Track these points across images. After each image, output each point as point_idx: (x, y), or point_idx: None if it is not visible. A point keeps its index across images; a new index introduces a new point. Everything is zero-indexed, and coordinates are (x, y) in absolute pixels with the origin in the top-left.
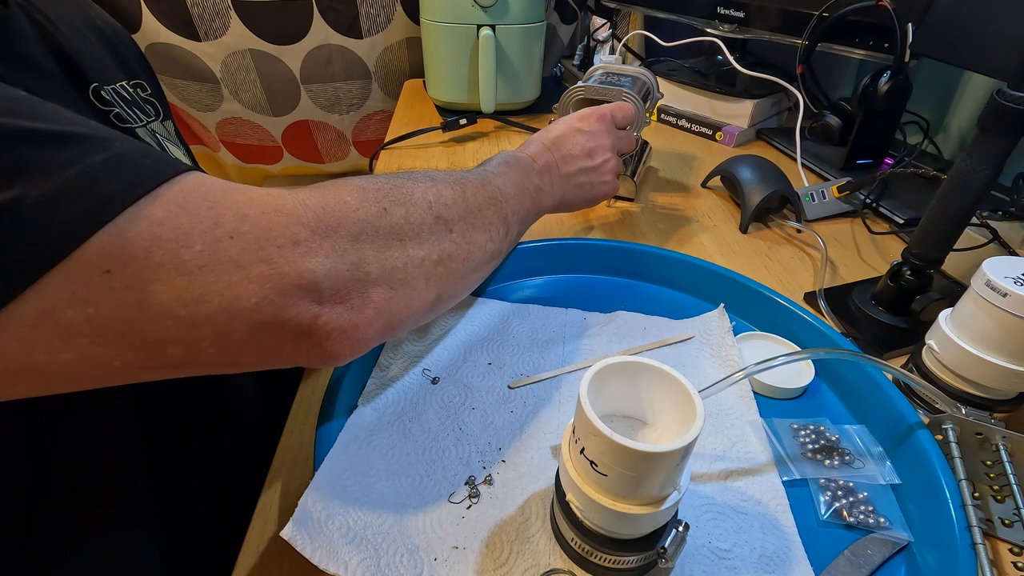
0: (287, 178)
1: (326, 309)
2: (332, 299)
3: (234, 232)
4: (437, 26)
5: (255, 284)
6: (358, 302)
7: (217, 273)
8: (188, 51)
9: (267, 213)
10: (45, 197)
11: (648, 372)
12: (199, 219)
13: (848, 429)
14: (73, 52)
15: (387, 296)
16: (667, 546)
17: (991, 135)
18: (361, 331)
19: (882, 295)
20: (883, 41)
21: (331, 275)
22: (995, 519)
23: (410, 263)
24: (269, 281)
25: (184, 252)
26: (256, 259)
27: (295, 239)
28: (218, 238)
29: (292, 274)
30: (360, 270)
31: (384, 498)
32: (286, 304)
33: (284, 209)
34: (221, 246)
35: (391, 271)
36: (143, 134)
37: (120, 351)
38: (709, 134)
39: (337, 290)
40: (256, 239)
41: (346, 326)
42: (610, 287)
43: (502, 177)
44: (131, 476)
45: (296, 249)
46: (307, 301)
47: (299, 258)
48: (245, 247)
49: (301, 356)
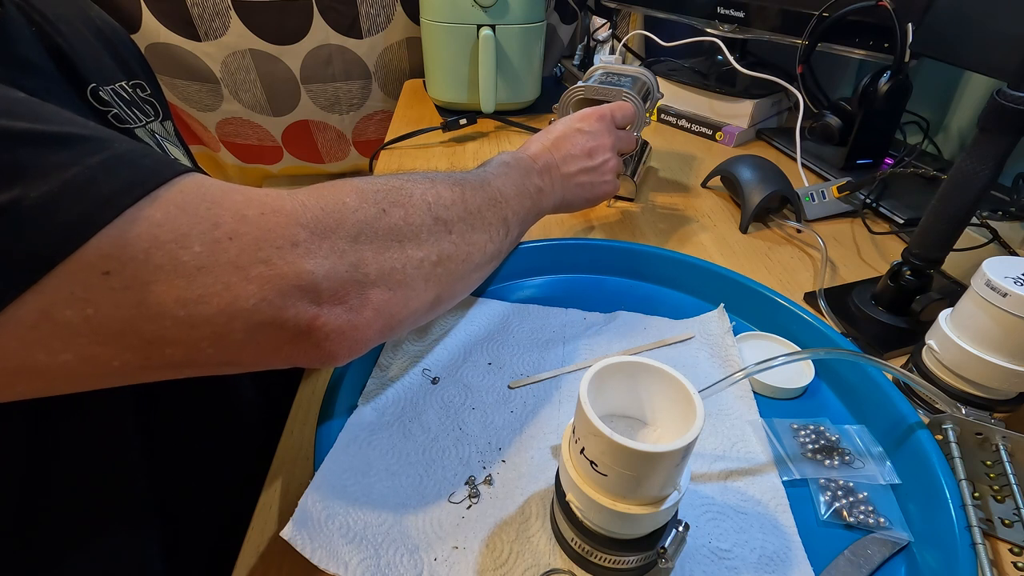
0: (287, 178)
1: (325, 310)
2: (331, 300)
3: (233, 233)
4: (437, 26)
5: (254, 285)
6: (357, 303)
7: (216, 274)
8: (188, 51)
9: (266, 214)
10: (44, 198)
11: (648, 372)
12: (198, 220)
13: (848, 429)
14: (71, 52)
15: (386, 297)
16: (667, 546)
17: (991, 135)
18: (360, 332)
19: (882, 295)
20: (883, 41)
21: (330, 276)
22: (995, 519)
23: (409, 264)
24: (268, 282)
25: (183, 253)
26: (255, 260)
27: (294, 240)
28: (217, 239)
29: (291, 275)
30: (359, 271)
31: (384, 498)
32: (285, 305)
33: (283, 210)
34: (220, 247)
35: (390, 272)
36: (142, 134)
37: (119, 351)
38: (709, 134)
39: (336, 291)
40: (255, 240)
41: (345, 327)
42: (610, 287)
43: (502, 178)
44: (131, 476)
45: (295, 250)
46: (305, 302)
47: (298, 259)
48: (244, 248)
49: (300, 356)
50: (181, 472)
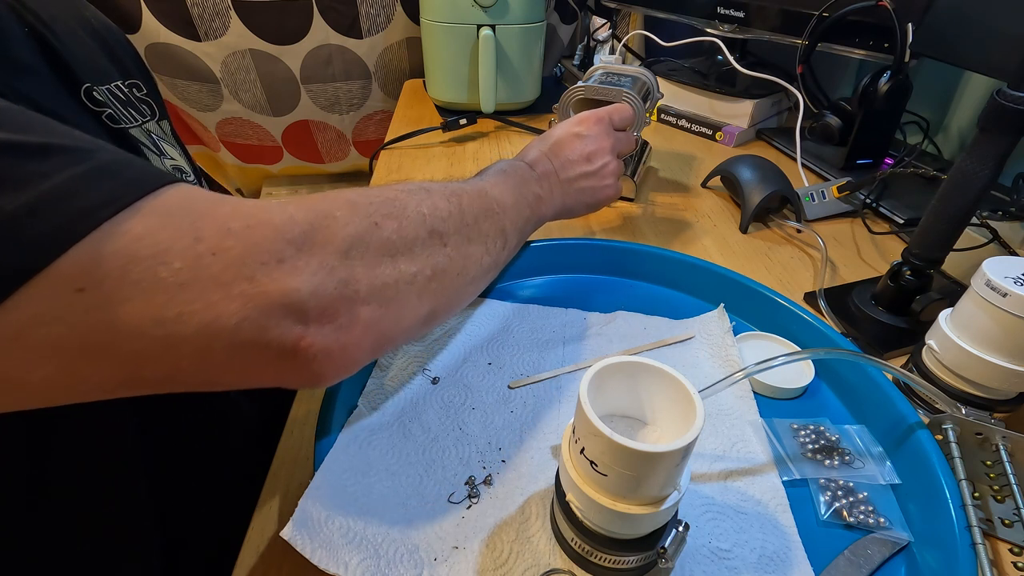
0: (287, 178)
1: (312, 330)
2: (318, 319)
3: (217, 248)
4: (437, 26)
5: (236, 303)
6: (346, 321)
7: (197, 291)
8: (188, 51)
9: (252, 227)
10: (20, 210)
11: (648, 372)
12: (180, 234)
13: (848, 429)
14: (65, 52)
15: (377, 314)
16: (667, 546)
17: (991, 135)
18: (349, 352)
19: (882, 295)
20: (883, 41)
21: (317, 294)
22: (995, 519)
23: (402, 279)
24: (251, 300)
25: (162, 269)
26: (238, 277)
27: (280, 256)
28: (199, 254)
29: (275, 293)
30: (349, 288)
31: (384, 498)
32: (268, 325)
33: (270, 223)
34: (202, 263)
35: (381, 288)
36: (137, 134)
37: (96, 369)
38: (709, 134)
39: (324, 309)
40: (239, 256)
41: (333, 347)
42: (610, 287)
43: (499, 187)
44: (131, 476)
45: (281, 267)
46: (291, 321)
47: (284, 276)
48: (228, 264)
49: (286, 377)
50: (181, 472)
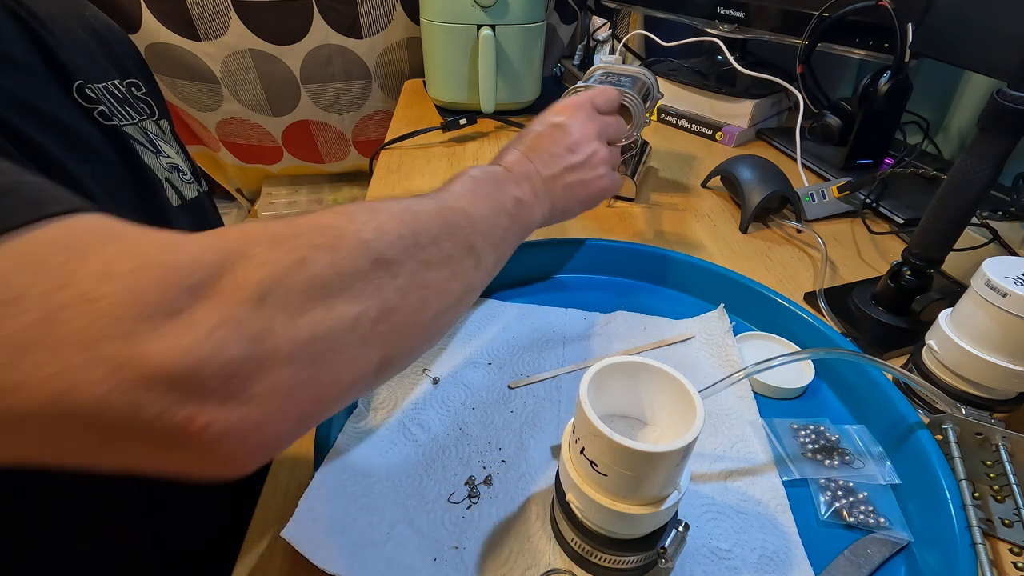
0: (287, 178)
1: (210, 406)
2: (219, 390)
3: (87, 295)
4: (437, 26)
5: (101, 370)
6: (259, 390)
7: (49, 353)
8: (188, 51)
9: (140, 269)
10: None
11: (648, 372)
12: (41, 278)
13: (848, 429)
14: (59, 50)
15: (304, 376)
16: (667, 546)
17: (991, 135)
18: (265, 429)
19: (882, 295)
20: (883, 41)
21: (217, 356)
22: (995, 519)
23: (338, 326)
24: (121, 367)
25: (8, 324)
26: (109, 335)
27: (172, 307)
28: (61, 304)
29: (157, 357)
30: (263, 346)
31: (384, 498)
32: (143, 401)
33: (167, 264)
34: (62, 315)
35: (309, 341)
36: (133, 132)
37: None
38: (709, 134)
39: (227, 377)
40: (113, 306)
41: (241, 426)
42: (610, 287)
43: (468, 196)
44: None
45: (171, 321)
46: (176, 395)
47: (173, 334)
48: (97, 317)
49: (184, 466)
50: None
